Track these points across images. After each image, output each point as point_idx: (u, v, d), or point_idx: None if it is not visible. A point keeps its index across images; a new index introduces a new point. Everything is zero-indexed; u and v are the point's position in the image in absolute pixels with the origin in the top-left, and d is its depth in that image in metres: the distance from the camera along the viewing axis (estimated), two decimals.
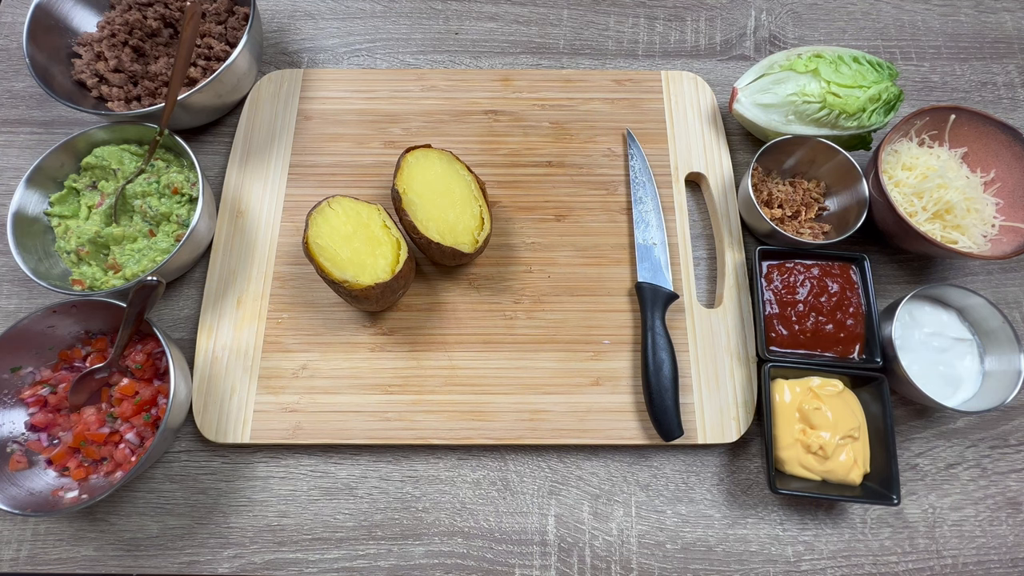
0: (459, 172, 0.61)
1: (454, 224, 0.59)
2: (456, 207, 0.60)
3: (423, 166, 0.60)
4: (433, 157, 0.61)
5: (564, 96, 0.73)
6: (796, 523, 0.58)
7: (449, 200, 0.60)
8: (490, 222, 0.61)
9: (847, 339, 0.59)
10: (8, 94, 0.74)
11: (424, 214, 0.58)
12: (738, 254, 0.65)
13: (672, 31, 0.79)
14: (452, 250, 0.57)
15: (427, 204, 0.59)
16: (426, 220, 0.58)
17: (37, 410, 0.56)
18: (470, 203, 0.60)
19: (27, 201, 0.61)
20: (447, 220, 0.59)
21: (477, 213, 0.60)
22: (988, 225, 0.62)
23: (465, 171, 0.62)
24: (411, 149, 0.61)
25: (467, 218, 0.60)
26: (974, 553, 0.57)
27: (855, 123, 0.64)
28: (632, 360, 0.61)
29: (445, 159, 0.61)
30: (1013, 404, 0.61)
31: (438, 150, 0.62)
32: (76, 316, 0.57)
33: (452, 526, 0.57)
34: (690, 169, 0.69)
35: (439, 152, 0.62)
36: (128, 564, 0.56)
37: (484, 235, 0.60)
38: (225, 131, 0.73)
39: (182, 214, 0.62)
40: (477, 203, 0.61)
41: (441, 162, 0.61)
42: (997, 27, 0.80)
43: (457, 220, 0.59)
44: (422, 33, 0.79)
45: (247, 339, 0.61)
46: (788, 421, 0.56)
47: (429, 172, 0.60)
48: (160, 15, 0.72)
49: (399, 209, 0.57)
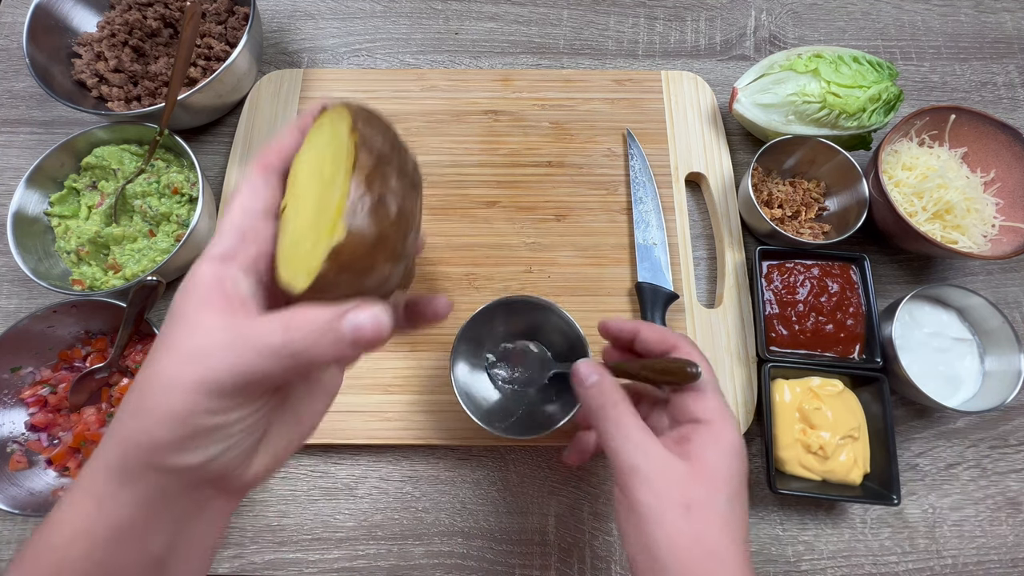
0: None
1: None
2: None
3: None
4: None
5: (564, 96, 0.73)
6: (796, 523, 0.58)
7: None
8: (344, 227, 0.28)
9: (847, 339, 0.59)
10: (8, 94, 0.74)
11: None
12: (738, 254, 0.65)
13: (672, 31, 0.79)
14: None
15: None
16: None
17: (37, 410, 0.56)
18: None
19: (27, 201, 0.61)
20: None
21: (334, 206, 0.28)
22: (988, 225, 0.62)
23: None
24: None
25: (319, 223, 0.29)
26: (974, 553, 0.57)
27: (855, 123, 0.64)
28: None
29: None
30: (1013, 404, 0.61)
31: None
32: (76, 316, 0.57)
33: (452, 526, 0.57)
34: (690, 169, 0.69)
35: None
36: None
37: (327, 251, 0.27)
38: (225, 131, 0.73)
39: (182, 214, 0.62)
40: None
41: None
42: (997, 27, 0.80)
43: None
44: (422, 33, 0.79)
45: None
46: (788, 421, 0.56)
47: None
48: (160, 15, 0.72)
49: None
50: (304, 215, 0.28)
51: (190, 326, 0.23)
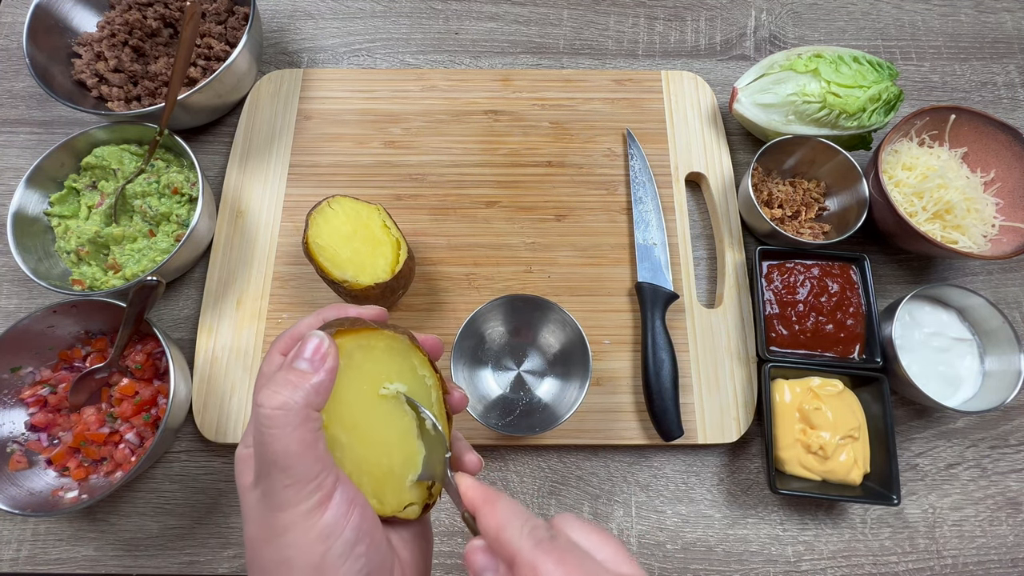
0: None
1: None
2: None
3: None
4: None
5: (564, 96, 0.73)
6: (796, 523, 0.58)
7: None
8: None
9: (847, 339, 0.59)
10: (8, 94, 0.74)
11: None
12: (738, 254, 0.65)
13: (672, 31, 0.79)
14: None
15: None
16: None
17: (37, 410, 0.56)
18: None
19: (27, 201, 0.61)
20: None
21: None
22: (988, 225, 0.62)
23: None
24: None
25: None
26: (974, 553, 0.57)
27: (855, 123, 0.64)
28: (632, 360, 0.61)
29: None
30: (1013, 404, 0.61)
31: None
32: (76, 316, 0.57)
33: (452, 526, 0.57)
34: (690, 169, 0.69)
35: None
36: (128, 564, 0.56)
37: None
38: (225, 131, 0.73)
39: (182, 214, 0.62)
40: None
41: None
42: (997, 27, 0.80)
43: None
44: (422, 33, 0.79)
45: (247, 339, 0.61)
46: (788, 421, 0.56)
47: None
48: (160, 15, 0.72)
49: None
50: (379, 447, 0.32)
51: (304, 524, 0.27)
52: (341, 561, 0.27)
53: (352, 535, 0.27)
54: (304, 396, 0.27)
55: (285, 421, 0.27)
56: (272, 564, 0.27)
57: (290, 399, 0.27)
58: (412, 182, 0.69)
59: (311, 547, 0.27)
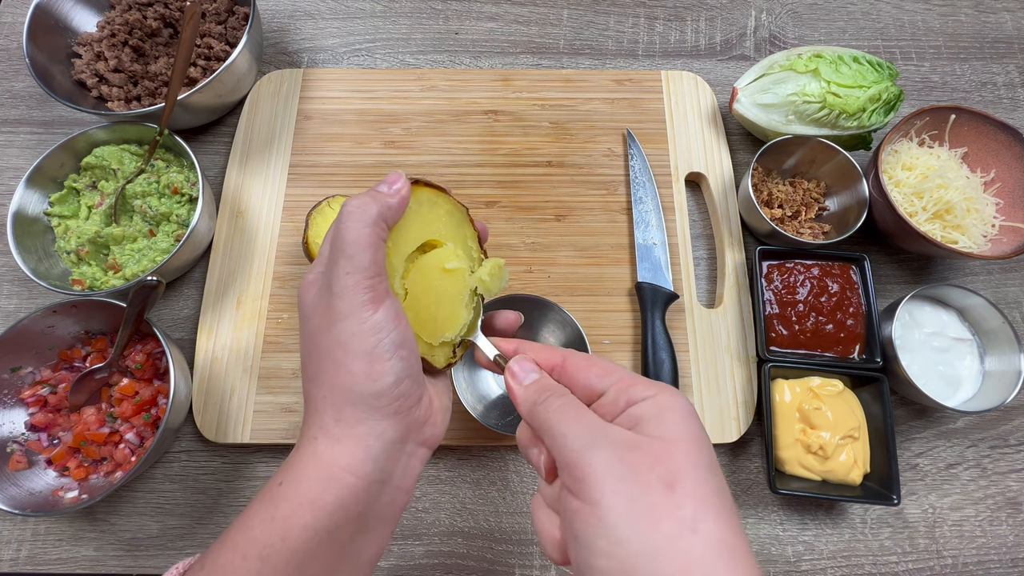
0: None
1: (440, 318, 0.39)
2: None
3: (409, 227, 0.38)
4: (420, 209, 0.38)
5: (564, 96, 0.73)
6: (796, 523, 0.58)
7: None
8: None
9: (847, 339, 0.59)
10: (8, 94, 0.74)
11: None
12: (738, 254, 0.65)
13: (672, 31, 0.79)
14: None
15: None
16: None
17: (37, 410, 0.56)
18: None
19: (27, 201, 0.61)
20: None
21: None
22: (988, 225, 0.62)
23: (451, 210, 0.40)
24: None
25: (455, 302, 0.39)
26: (974, 553, 0.57)
27: (855, 123, 0.64)
28: (632, 360, 0.61)
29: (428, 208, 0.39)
30: (1013, 404, 0.61)
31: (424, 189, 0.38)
32: (76, 316, 0.57)
33: (452, 526, 0.57)
34: (690, 169, 0.69)
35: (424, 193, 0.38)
36: (128, 564, 0.56)
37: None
38: (225, 131, 0.73)
39: (182, 214, 0.62)
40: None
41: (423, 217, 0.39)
42: (997, 27, 0.80)
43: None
44: (422, 33, 0.79)
45: (247, 339, 0.61)
46: (788, 421, 0.56)
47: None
48: (160, 15, 0.72)
49: None
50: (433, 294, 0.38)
51: (357, 316, 0.31)
52: (388, 355, 0.32)
53: (398, 337, 0.32)
54: (378, 207, 0.33)
55: (359, 217, 0.32)
56: (329, 346, 0.32)
57: (367, 203, 0.32)
58: None
59: (364, 336, 0.31)
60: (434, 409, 0.36)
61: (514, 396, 0.34)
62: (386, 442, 0.32)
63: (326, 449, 0.32)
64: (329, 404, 0.32)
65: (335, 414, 0.32)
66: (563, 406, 0.31)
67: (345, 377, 0.31)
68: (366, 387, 0.31)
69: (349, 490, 0.31)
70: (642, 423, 0.29)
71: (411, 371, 0.33)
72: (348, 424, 0.32)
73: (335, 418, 0.32)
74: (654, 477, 0.26)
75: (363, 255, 0.31)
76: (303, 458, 0.32)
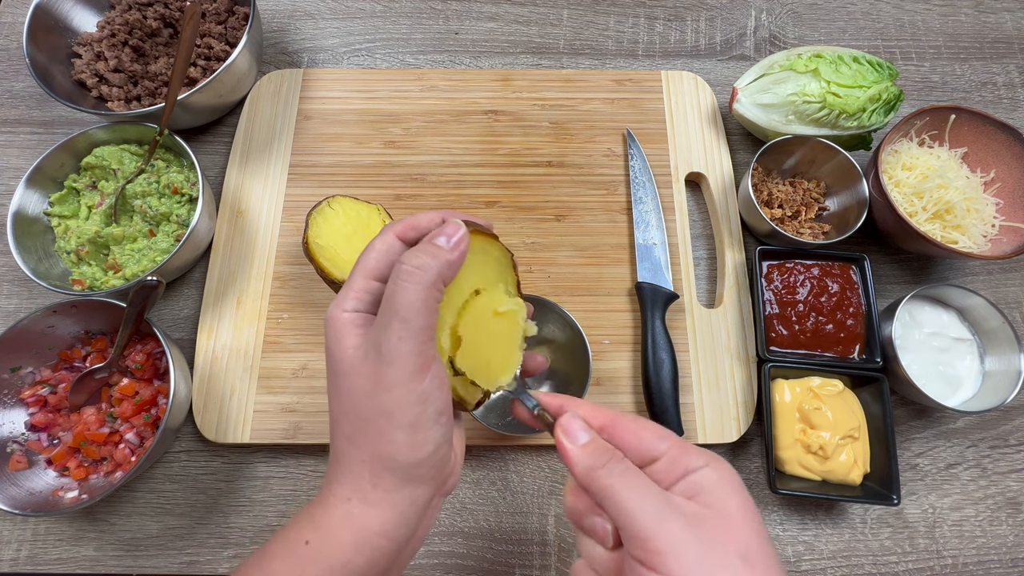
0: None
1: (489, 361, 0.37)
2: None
3: None
4: None
5: (564, 96, 0.73)
6: (796, 523, 0.58)
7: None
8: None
9: (847, 339, 0.59)
10: (8, 94, 0.74)
11: None
12: (738, 254, 0.65)
13: (672, 31, 0.79)
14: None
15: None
16: None
17: (37, 410, 0.56)
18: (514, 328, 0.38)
19: (27, 201, 0.61)
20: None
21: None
22: (988, 225, 0.62)
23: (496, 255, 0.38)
24: None
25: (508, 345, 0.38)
26: (974, 553, 0.57)
27: (855, 123, 0.64)
28: (632, 360, 0.61)
29: None
30: (1013, 404, 0.61)
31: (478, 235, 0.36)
32: (76, 316, 0.57)
33: (452, 526, 0.57)
34: (690, 169, 0.69)
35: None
36: (128, 564, 0.56)
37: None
38: (225, 131, 0.73)
39: (182, 214, 0.62)
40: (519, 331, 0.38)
41: None
42: (997, 27, 0.80)
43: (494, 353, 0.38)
44: (422, 33, 0.79)
45: (247, 339, 0.61)
46: (788, 421, 0.56)
47: None
48: (160, 15, 0.72)
49: None
50: (487, 342, 0.37)
51: (406, 388, 0.31)
52: (431, 424, 0.31)
53: (441, 405, 0.32)
54: (438, 265, 0.31)
55: (419, 279, 0.30)
56: (373, 414, 0.31)
57: (427, 263, 0.30)
58: (412, 182, 0.69)
59: (411, 407, 0.30)
60: (457, 459, 0.36)
61: (568, 456, 0.32)
62: (419, 506, 0.32)
63: (360, 511, 0.31)
64: (368, 469, 0.32)
65: (373, 479, 0.31)
66: (626, 472, 0.30)
67: (387, 446, 0.31)
68: (408, 456, 0.31)
69: (380, 552, 0.31)
70: (702, 493, 0.29)
71: (448, 436, 0.33)
72: (385, 490, 0.31)
73: (372, 483, 0.31)
74: (731, 551, 0.27)
75: (418, 319, 0.30)
76: (334, 519, 0.32)
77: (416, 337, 0.30)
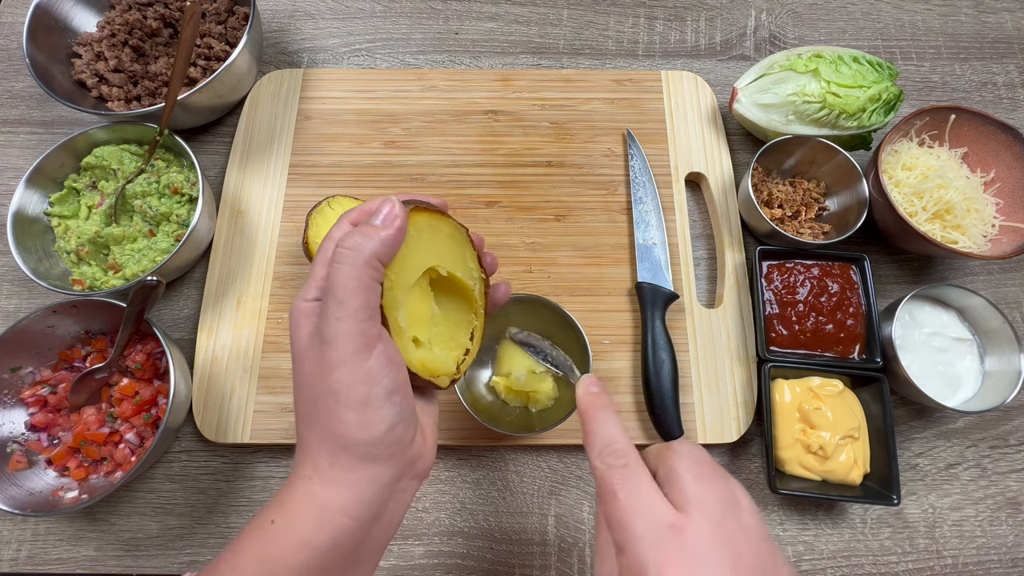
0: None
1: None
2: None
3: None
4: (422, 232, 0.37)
5: (564, 96, 0.73)
6: (796, 523, 0.58)
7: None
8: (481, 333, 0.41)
9: (847, 339, 0.59)
10: (8, 94, 0.74)
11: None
12: (738, 254, 0.65)
13: (672, 31, 0.79)
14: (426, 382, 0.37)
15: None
16: None
17: (37, 410, 0.56)
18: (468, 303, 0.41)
19: (27, 201, 0.61)
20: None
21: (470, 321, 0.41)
22: (988, 225, 0.62)
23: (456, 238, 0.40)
24: None
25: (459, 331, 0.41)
26: (974, 553, 0.57)
27: (855, 123, 0.64)
28: (632, 360, 0.61)
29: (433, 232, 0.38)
30: (1013, 404, 0.61)
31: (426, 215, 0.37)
32: (76, 316, 0.57)
33: (452, 526, 0.57)
34: (690, 169, 0.69)
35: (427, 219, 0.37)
36: (128, 564, 0.56)
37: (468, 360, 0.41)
38: (225, 131, 0.73)
39: (182, 214, 0.62)
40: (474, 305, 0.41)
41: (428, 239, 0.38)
42: (997, 27, 0.80)
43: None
44: (422, 33, 0.79)
45: (247, 339, 0.61)
46: (788, 421, 0.56)
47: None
48: (160, 15, 0.72)
49: None
50: (427, 323, 0.39)
51: (351, 362, 0.31)
52: (381, 403, 0.31)
53: (391, 384, 0.32)
54: (372, 245, 0.31)
55: (351, 259, 0.31)
56: (322, 394, 0.32)
57: (360, 244, 0.31)
58: (412, 182, 0.69)
59: (357, 386, 0.31)
60: (427, 442, 0.36)
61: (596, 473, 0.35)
62: (380, 486, 0.33)
63: (320, 490, 0.32)
64: (324, 449, 0.32)
65: (330, 459, 0.32)
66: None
67: (337, 425, 0.31)
68: (359, 436, 0.31)
69: (343, 530, 0.32)
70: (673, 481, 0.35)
71: (404, 415, 0.33)
72: (343, 468, 0.32)
73: (330, 461, 0.32)
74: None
75: (354, 299, 0.30)
76: (296, 497, 0.32)
77: (353, 316, 0.30)
